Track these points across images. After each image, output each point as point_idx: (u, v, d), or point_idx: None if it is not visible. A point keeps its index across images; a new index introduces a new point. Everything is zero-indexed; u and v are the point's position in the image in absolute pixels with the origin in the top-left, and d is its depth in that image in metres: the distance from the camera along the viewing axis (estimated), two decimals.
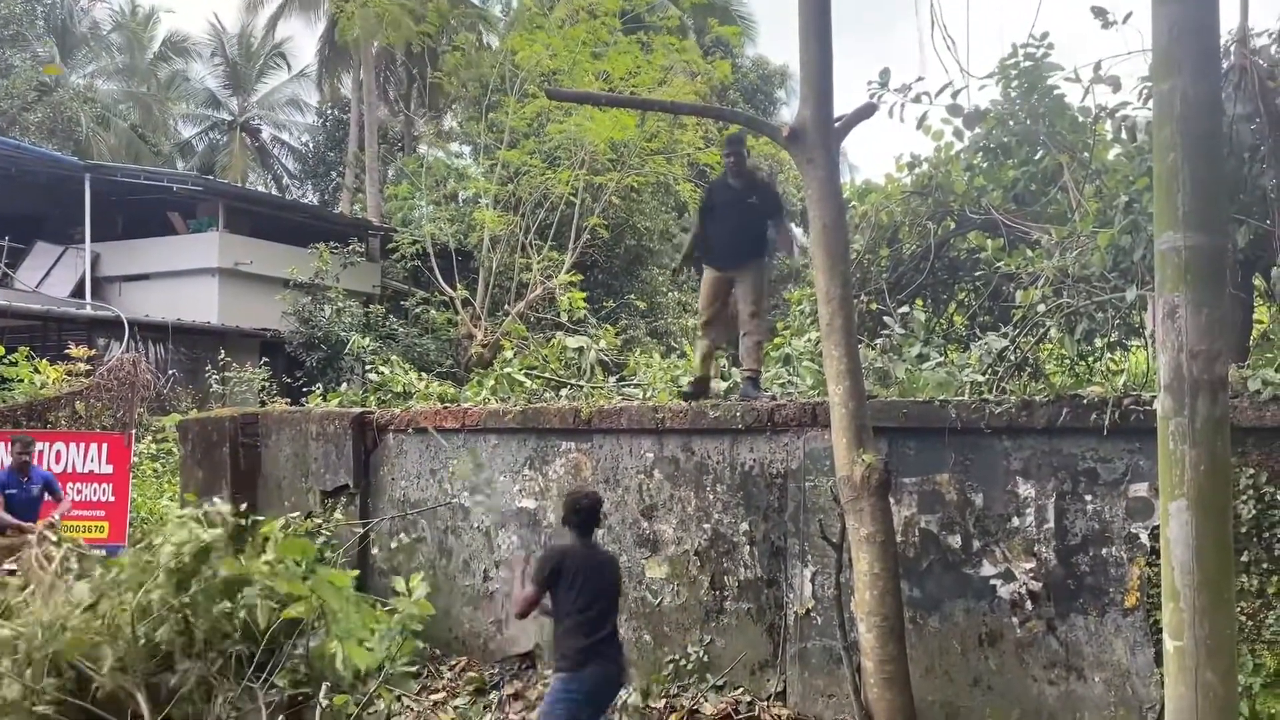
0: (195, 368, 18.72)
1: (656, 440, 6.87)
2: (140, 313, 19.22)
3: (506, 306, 19.13)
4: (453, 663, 7.56)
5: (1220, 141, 3.35)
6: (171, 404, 16.12)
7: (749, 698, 6.31)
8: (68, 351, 14.10)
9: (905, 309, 8.44)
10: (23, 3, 30.09)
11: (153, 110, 34.04)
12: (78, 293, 20.18)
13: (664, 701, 6.42)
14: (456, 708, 6.57)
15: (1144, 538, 5.19)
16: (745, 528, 6.49)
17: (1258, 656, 4.80)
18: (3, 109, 26.71)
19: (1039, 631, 5.46)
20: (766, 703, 6.25)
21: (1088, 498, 5.35)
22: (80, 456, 10.09)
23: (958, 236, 9.19)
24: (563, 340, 11.75)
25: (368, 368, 15.48)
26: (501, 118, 19.82)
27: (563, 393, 9.41)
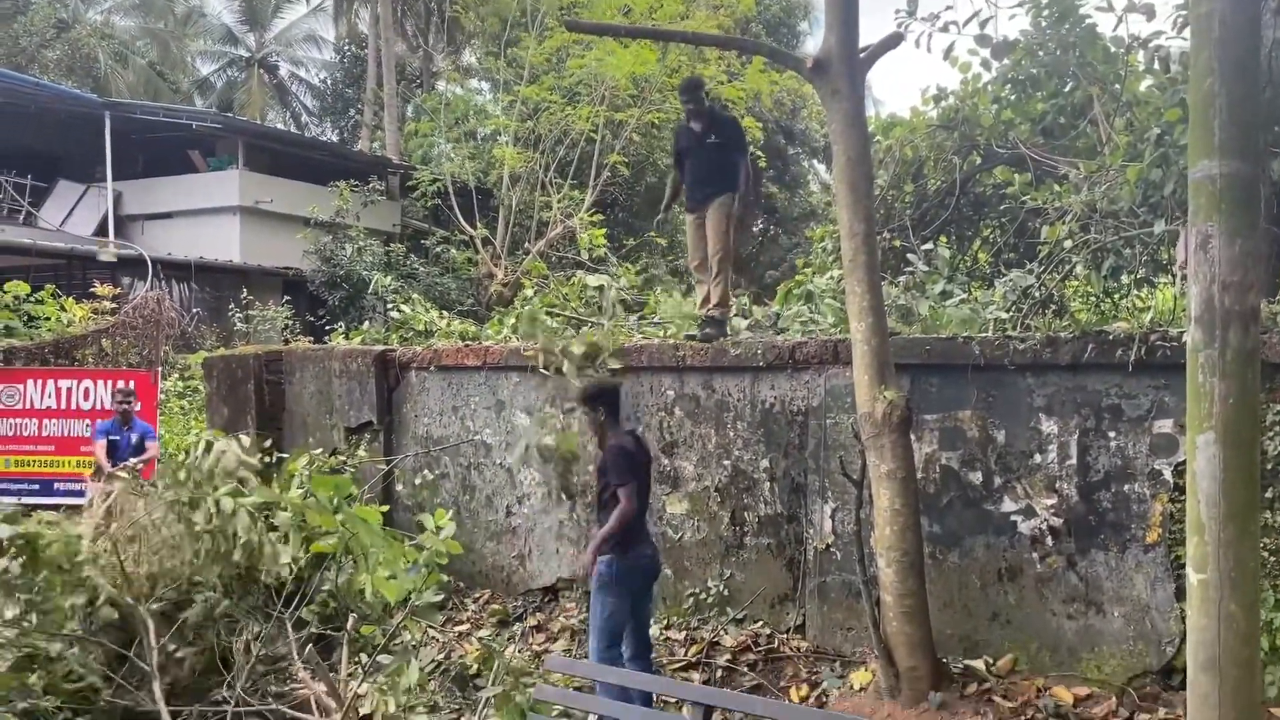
0: (219, 306, 18.85)
1: (677, 378, 6.87)
2: (163, 251, 19.29)
3: (527, 245, 19.08)
4: (477, 595, 7.69)
5: (1258, 66, 3.26)
6: (196, 342, 16.26)
7: (768, 631, 6.39)
8: (93, 290, 14.20)
9: (929, 245, 8.35)
10: None
11: (170, 47, 33.75)
12: (100, 231, 20.21)
13: (684, 634, 6.52)
14: (481, 639, 6.70)
15: (1167, 474, 5.17)
16: (766, 464, 6.51)
17: (1279, 591, 4.80)
18: (22, 46, 26.57)
19: (1059, 567, 5.48)
20: (785, 635, 6.34)
21: (1111, 434, 5.32)
22: (109, 394, 10.20)
23: (984, 171, 9.04)
24: (583, 278, 11.73)
25: (389, 306, 15.55)
26: (521, 53, 19.58)
27: (583, 331, 9.40)
